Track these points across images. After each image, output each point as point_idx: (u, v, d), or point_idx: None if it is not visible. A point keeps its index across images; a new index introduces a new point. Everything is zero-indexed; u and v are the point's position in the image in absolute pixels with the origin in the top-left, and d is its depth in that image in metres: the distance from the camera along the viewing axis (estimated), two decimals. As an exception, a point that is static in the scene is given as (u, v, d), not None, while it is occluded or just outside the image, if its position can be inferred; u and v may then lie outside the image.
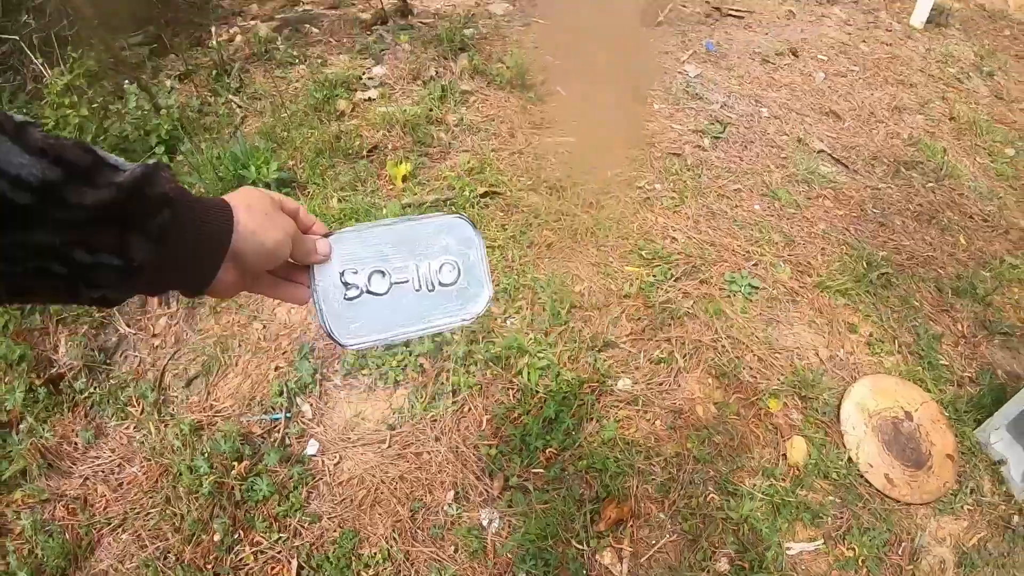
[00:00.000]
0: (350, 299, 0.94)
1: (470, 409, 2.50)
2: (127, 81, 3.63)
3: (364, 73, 4.12)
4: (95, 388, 2.64)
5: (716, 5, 5.42)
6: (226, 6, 5.17)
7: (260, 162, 3.20)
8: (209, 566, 2.21)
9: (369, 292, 0.95)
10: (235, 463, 2.40)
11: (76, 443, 2.50)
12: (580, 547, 2.24)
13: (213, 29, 4.49)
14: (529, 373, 2.53)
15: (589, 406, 2.49)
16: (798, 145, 3.92)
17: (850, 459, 2.52)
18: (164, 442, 2.48)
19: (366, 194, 3.22)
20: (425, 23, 4.68)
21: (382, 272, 0.96)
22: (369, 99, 3.90)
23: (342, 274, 0.94)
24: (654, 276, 2.87)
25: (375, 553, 2.23)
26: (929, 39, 6.01)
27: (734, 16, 5.35)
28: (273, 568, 2.22)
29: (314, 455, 2.46)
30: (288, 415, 2.54)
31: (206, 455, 2.41)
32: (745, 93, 4.32)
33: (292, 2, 5.18)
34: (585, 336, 2.64)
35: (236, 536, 2.27)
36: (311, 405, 2.57)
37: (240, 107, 3.84)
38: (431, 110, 3.72)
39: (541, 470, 2.37)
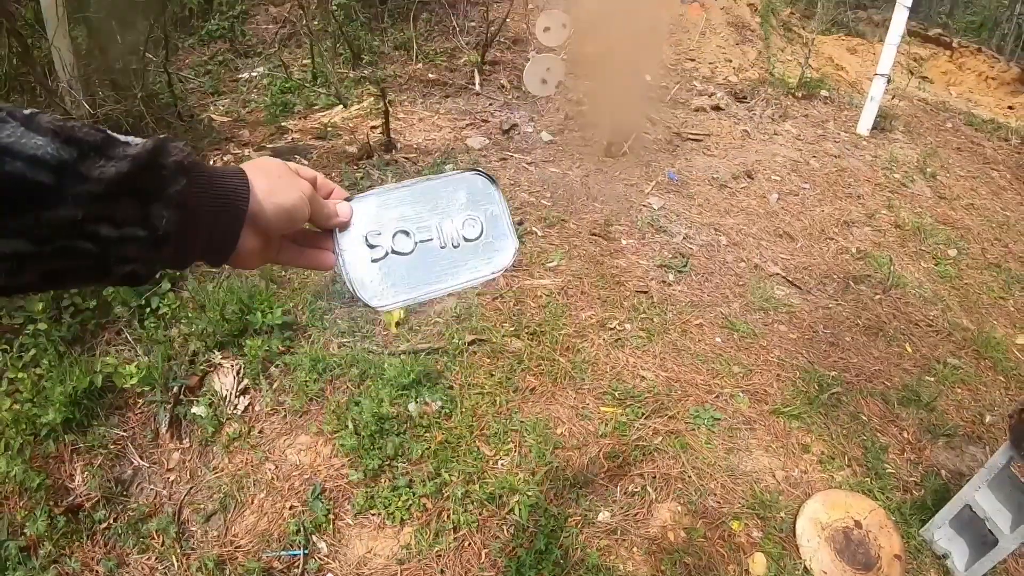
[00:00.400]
0: (376, 261, 0.95)
1: (470, 544, 2.81)
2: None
3: (356, 212, 4.45)
4: (114, 519, 2.85)
5: (676, 131, 5.88)
6: (218, 128, 5.56)
7: (264, 305, 3.50)
8: None
9: (395, 252, 0.96)
10: (261, 597, 2.69)
11: (98, 571, 2.68)
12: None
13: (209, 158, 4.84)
14: (520, 510, 2.86)
15: (574, 537, 2.82)
16: (755, 271, 4.33)
17: (806, 569, 2.85)
18: (188, 574, 2.75)
19: (363, 339, 3.56)
20: (408, 158, 5.07)
21: (406, 232, 0.97)
22: (362, 239, 4.22)
23: (366, 237, 0.95)
24: (626, 416, 3.22)
25: None
26: (875, 146, 6.49)
27: (693, 140, 5.81)
28: None
29: (333, 589, 2.75)
30: (306, 551, 2.83)
31: (232, 589, 2.69)
32: (705, 222, 4.73)
33: (280, 131, 5.57)
34: (568, 474, 2.98)
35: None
36: (326, 542, 2.86)
37: (240, 242, 4.10)
38: (420, 253, 4.06)
39: (535, 597, 2.69)
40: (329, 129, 5.56)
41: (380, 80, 6.02)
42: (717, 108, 6.40)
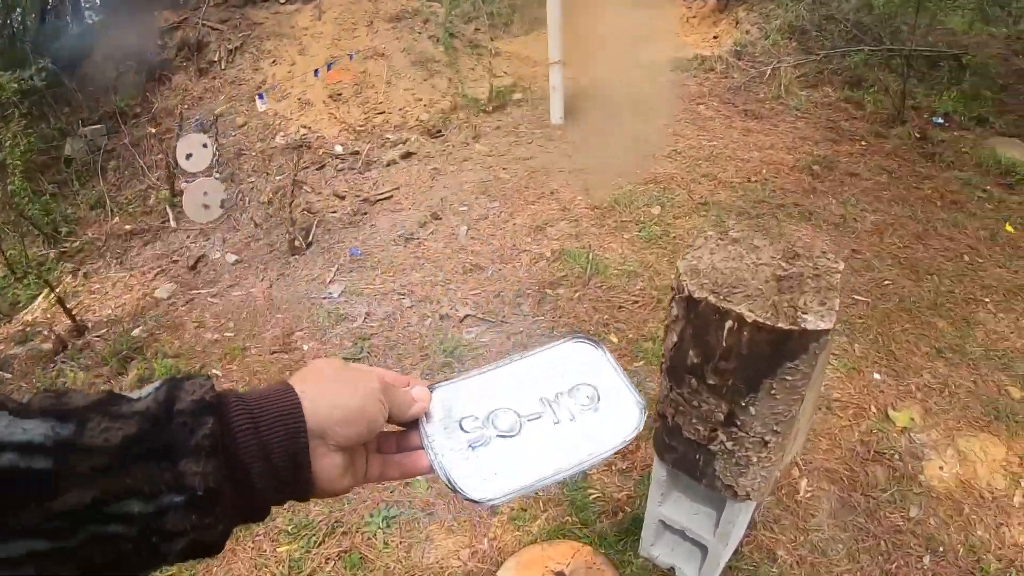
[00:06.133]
0: (476, 447, 0.81)
1: None
2: None
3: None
4: None
5: (365, 196, 5.74)
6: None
7: None
8: None
9: (499, 436, 0.82)
10: None
11: None
12: None
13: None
14: None
15: None
16: (442, 322, 4.19)
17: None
18: None
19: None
20: (100, 336, 4.75)
21: (511, 411, 0.84)
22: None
23: (460, 423, 0.83)
24: (299, 550, 3.00)
25: None
26: (570, 131, 6.55)
27: (383, 200, 5.68)
28: None
29: None
30: None
31: None
32: (389, 289, 4.57)
33: (-19, 347, 5.18)
34: None
35: None
36: None
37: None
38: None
39: None
40: (28, 329, 5.21)
41: (46, 272, 5.66)
42: (408, 155, 6.28)
